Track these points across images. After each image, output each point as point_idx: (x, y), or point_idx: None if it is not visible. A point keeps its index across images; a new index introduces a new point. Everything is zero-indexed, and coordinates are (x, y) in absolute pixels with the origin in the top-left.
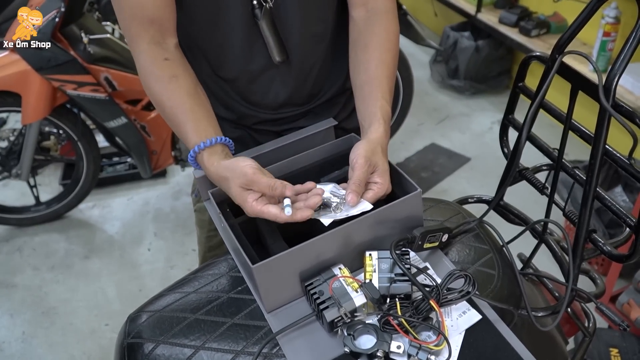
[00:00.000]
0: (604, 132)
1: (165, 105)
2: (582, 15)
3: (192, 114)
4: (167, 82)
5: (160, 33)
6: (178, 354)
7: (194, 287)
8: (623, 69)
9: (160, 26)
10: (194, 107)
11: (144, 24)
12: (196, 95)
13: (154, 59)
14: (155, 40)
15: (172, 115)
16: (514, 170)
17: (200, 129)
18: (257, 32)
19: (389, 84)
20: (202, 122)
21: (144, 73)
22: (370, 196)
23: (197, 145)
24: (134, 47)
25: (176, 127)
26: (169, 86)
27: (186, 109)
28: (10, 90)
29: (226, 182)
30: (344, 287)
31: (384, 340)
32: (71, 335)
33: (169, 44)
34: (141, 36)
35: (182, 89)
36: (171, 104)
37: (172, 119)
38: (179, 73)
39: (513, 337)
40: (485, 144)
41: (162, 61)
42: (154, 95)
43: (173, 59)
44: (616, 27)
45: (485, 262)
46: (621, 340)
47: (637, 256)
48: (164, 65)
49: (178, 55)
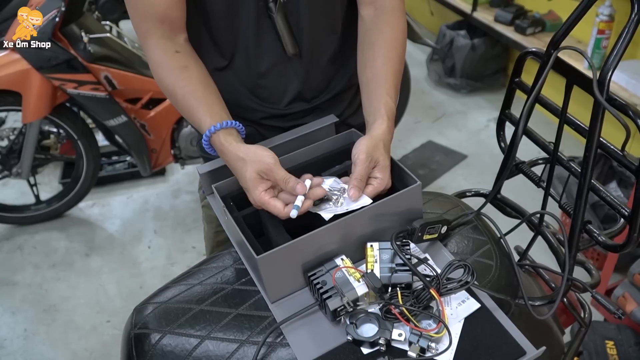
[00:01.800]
0: (599, 125)
1: (177, 94)
2: (576, 11)
3: (205, 99)
4: (178, 72)
5: (171, 30)
6: (184, 344)
7: (199, 279)
8: (616, 63)
9: (170, 24)
10: (206, 94)
11: (155, 21)
12: (207, 83)
13: (165, 51)
14: (165, 35)
15: (184, 102)
16: (511, 164)
17: (214, 112)
18: (269, 27)
19: (395, 80)
20: (215, 106)
21: (155, 65)
22: (370, 191)
23: (213, 126)
24: (145, 42)
25: (190, 114)
26: (181, 75)
27: (198, 96)
28: (11, 89)
29: (242, 165)
30: (346, 277)
31: (386, 329)
32: (73, 332)
33: (179, 39)
34: (152, 32)
35: (194, 77)
36: (183, 92)
37: (185, 106)
38: (190, 64)
39: (511, 325)
40: (481, 141)
41: (173, 53)
42: (166, 85)
43: (183, 52)
44: (610, 25)
45: (483, 253)
46: (617, 333)
47: (630, 246)
48: (175, 57)
49: (188, 48)
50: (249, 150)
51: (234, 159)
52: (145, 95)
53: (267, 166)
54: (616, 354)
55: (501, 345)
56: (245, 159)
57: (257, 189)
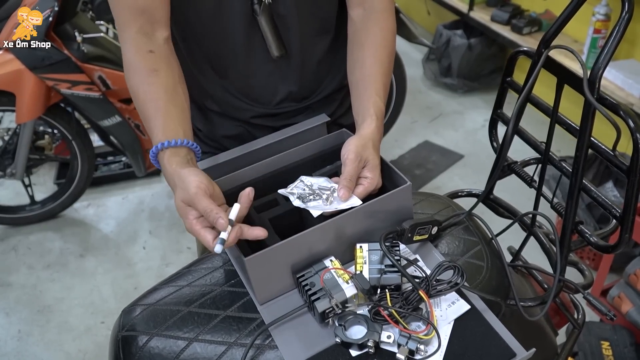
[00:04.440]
0: (589, 125)
1: (140, 97)
2: (567, 9)
3: (165, 110)
4: (146, 74)
5: (150, 24)
6: (172, 346)
7: (188, 280)
8: (607, 62)
9: (150, 17)
10: (168, 104)
11: (134, 12)
12: (174, 93)
13: (138, 49)
14: (143, 30)
15: (144, 108)
16: (502, 163)
17: (168, 127)
18: (256, 27)
19: (383, 80)
20: (172, 121)
21: (126, 62)
22: (360, 191)
23: (160, 143)
24: (122, 34)
25: (146, 122)
26: (148, 79)
27: (159, 105)
28: (4, 89)
29: (174, 190)
30: (335, 279)
31: (375, 331)
32: (67, 333)
33: (158, 37)
34: (129, 24)
35: (160, 84)
36: (145, 97)
37: (144, 112)
38: (161, 67)
39: (501, 326)
40: (478, 141)
41: (146, 53)
42: (132, 86)
43: (158, 52)
44: (606, 25)
45: (474, 253)
46: (612, 333)
47: (622, 246)
48: (147, 58)
49: (165, 50)
50: (182, 175)
51: (171, 183)
52: None
53: (189, 196)
54: (611, 355)
55: (491, 346)
56: (176, 185)
57: (188, 218)
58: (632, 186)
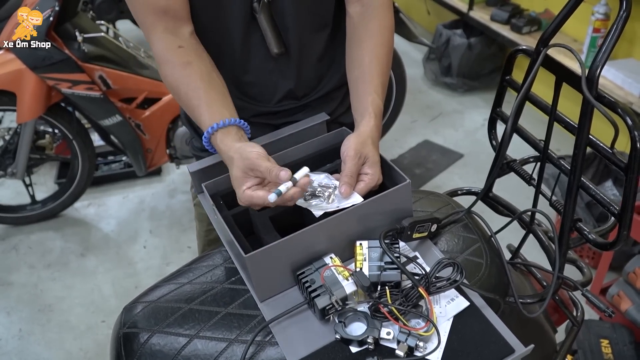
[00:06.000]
0: (588, 123)
1: (181, 90)
2: (566, 8)
3: (206, 97)
4: (181, 68)
5: (174, 22)
6: (173, 343)
7: (189, 278)
8: (605, 60)
9: (173, 16)
10: (208, 90)
11: (157, 14)
12: (210, 80)
13: (168, 46)
14: (169, 29)
15: (186, 100)
16: (501, 161)
17: (214, 111)
18: (255, 26)
19: (382, 78)
20: (216, 104)
21: (159, 61)
22: (362, 187)
23: (210, 127)
24: (149, 37)
25: (191, 112)
26: (184, 72)
27: (200, 94)
28: (5, 89)
29: (231, 163)
30: (335, 276)
31: (374, 327)
32: (68, 332)
33: (184, 32)
34: (154, 26)
35: (196, 74)
36: (185, 89)
37: (187, 103)
38: (193, 59)
39: (500, 323)
40: (477, 140)
41: (176, 49)
42: (169, 82)
43: (187, 46)
44: (606, 24)
45: (474, 251)
46: (611, 332)
47: (620, 243)
48: (178, 53)
49: (192, 42)
50: (239, 148)
51: (226, 159)
52: (140, 95)
53: (250, 161)
54: (611, 353)
55: (490, 343)
56: (233, 157)
57: (241, 187)
58: (630, 183)
